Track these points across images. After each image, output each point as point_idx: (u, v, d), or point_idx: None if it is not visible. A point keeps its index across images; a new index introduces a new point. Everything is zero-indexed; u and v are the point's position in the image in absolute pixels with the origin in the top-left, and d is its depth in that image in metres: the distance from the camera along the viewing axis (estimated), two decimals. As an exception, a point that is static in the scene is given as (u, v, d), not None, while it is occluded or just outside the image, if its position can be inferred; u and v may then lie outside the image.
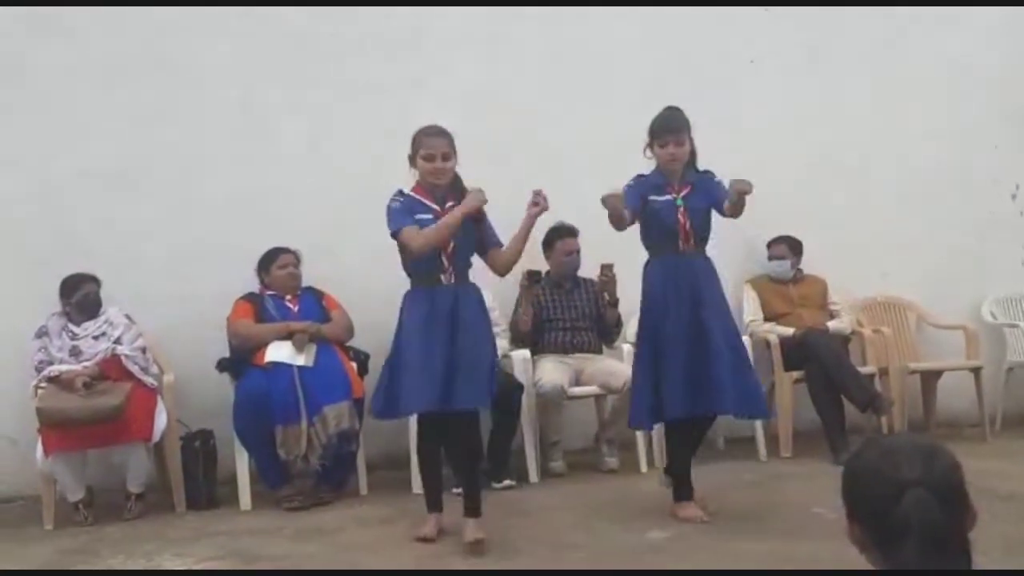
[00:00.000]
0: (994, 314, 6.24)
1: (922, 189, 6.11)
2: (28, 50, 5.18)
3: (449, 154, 3.86)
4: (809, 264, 5.84)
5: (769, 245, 5.76)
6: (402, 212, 3.86)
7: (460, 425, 3.83)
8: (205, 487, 4.74)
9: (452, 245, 3.83)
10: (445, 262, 3.83)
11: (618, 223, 3.94)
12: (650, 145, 4.08)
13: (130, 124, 5.24)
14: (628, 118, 5.60)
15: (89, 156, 5.18)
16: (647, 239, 4.13)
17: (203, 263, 5.23)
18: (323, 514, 4.47)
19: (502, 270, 4.08)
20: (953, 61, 6.19)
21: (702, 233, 4.09)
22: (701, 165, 4.19)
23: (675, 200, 4.04)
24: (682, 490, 4.13)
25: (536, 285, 5.11)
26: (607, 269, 5.14)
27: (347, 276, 5.18)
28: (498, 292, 5.18)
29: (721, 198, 3.97)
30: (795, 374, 5.38)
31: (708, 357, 3.93)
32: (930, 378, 5.94)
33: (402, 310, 3.94)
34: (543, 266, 5.30)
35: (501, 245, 4.00)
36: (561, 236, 5.29)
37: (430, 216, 3.84)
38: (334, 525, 4.26)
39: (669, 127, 4.03)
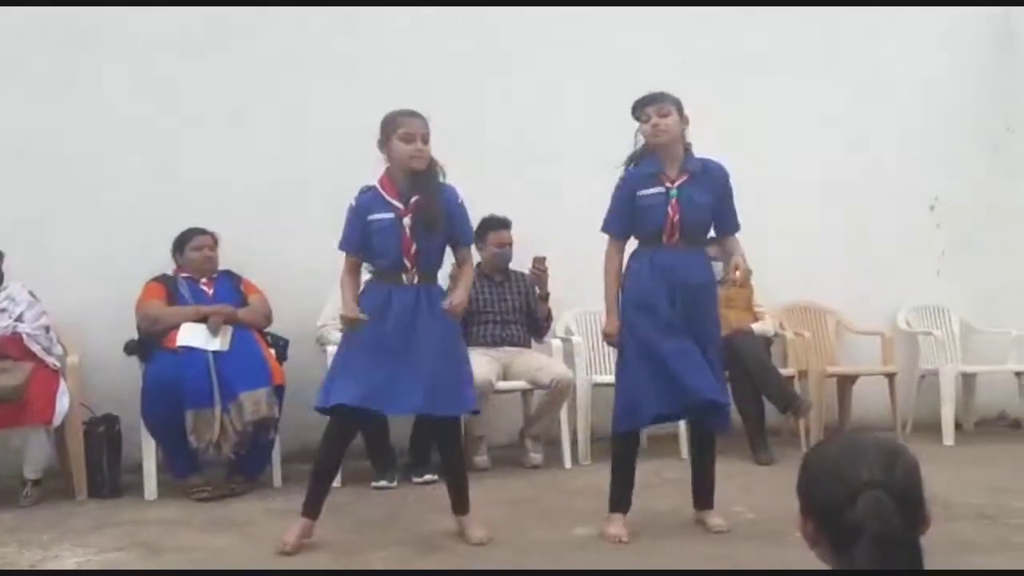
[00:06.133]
0: (909, 322, 6.38)
1: (846, 198, 6.20)
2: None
3: (428, 136, 3.53)
4: (735, 267, 5.86)
5: (703, 247, 5.74)
6: (352, 225, 3.60)
7: (444, 429, 3.77)
8: (108, 475, 4.51)
9: (414, 247, 3.54)
10: (408, 263, 3.55)
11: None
12: (638, 130, 3.73)
13: (43, 96, 4.97)
14: (570, 108, 5.65)
15: (-1, 128, 4.90)
16: (635, 232, 3.78)
17: (117, 242, 5.00)
18: (234, 505, 4.29)
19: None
20: (880, 72, 6.29)
21: (695, 230, 3.72)
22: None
23: (668, 192, 3.66)
24: (621, 503, 3.78)
25: (465, 276, 4.99)
26: (539, 262, 5.09)
27: (269, 260, 5.01)
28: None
29: (724, 209, 3.73)
30: (719, 374, 5.39)
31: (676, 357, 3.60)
32: (846, 382, 6.05)
33: (359, 301, 3.63)
34: (475, 258, 5.19)
35: (467, 243, 3.76)
36: (494, 228, 5.20)
37: (390, 216, 3.54)
38: (245, 517, 4.09)
39: (648, 98, 3.66)
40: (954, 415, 5.96)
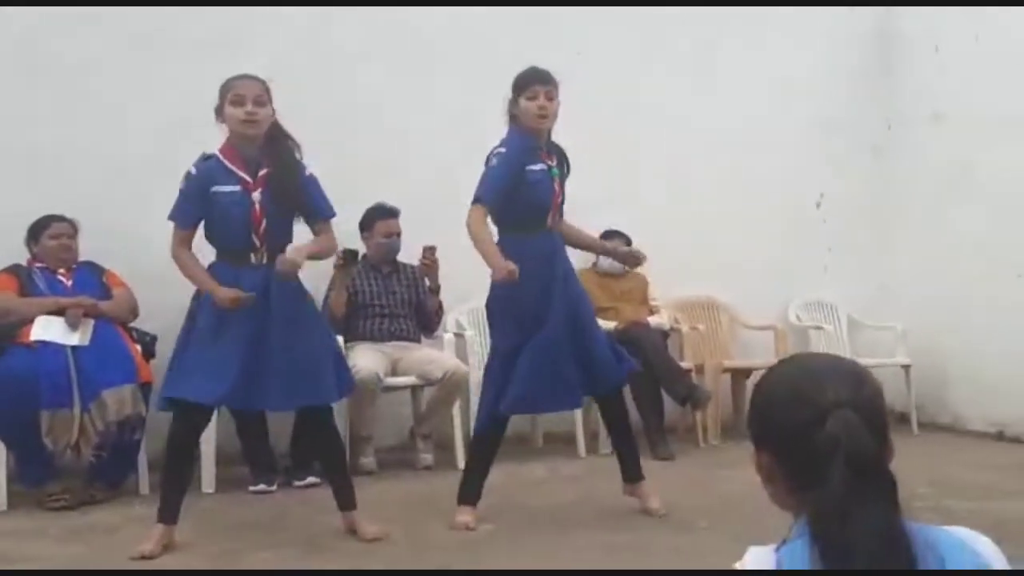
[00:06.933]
0: (799, 316, 6.41)
1: (737, 194, 6.17)
2: None
3: (263, 98, 3.30)
4: (630, 260, 5.76)
5: (602, 238, 5.61)
6: (190, 196, 3.35)
7: (316, 420, 3.57)
8: (-50, 485, 4.04)
9: (264, 223, 3.31)
10: (256, 240, 3.33)
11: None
12: (514, 101, 3.59)
13: None
14: (452, 98, 5.45)
15: None
16: (510, 213, 3.59)
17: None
18: (95, 513, 3.90)
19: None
20: (765, 71, 6.31)
21: (561, 214, 3.75)
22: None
23: (550, 170, 3.62)
24: (469, 493, 3.66)
25: (352, 266, 4.70)
26: (429, 252, 4.85)
27: (136, 251, 4.60)
28: (311, 272, 4.76)
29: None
30: (616, 368, 5.26)
31: (583, 341, 3.60)
32: (740, 376, 6.00)
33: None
34: (362, 247, 4.91)
35: (329, 216, 3.49)
36: (381, 216, 4.92)
37: (235, 188, 3.31)
38: (107, 524, 3.71)
39: (540, 77, 3.56)
40: (845, 408, 5.97)
